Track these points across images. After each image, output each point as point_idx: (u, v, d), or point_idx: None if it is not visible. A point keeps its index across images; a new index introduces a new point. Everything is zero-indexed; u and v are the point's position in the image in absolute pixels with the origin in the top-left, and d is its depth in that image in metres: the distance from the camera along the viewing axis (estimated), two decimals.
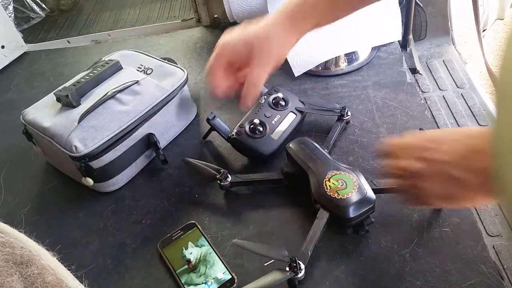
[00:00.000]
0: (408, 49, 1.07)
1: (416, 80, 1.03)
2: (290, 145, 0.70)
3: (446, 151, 0.47)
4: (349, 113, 0.79)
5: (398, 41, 1.00)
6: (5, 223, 0.41)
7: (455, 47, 1.15)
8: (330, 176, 0.62)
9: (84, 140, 0.70)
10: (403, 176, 0.52)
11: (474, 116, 0.95)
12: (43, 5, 1.43)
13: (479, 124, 0.93)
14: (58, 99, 0.75)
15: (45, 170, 0.84)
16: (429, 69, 1.09)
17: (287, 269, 0.55)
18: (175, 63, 0.88)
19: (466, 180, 0.45)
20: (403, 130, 0.78)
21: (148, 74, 0.83)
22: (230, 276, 0.60)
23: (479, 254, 0.58)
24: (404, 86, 0.87)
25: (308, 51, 0.94)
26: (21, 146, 0.88)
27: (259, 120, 0.75)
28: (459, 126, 0.93)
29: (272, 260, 0.60)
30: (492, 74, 0.94)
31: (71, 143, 0.69)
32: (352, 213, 0.59)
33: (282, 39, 0.61)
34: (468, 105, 0.98)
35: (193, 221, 0.68)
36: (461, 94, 1.01)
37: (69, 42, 1.30)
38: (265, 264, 0.60)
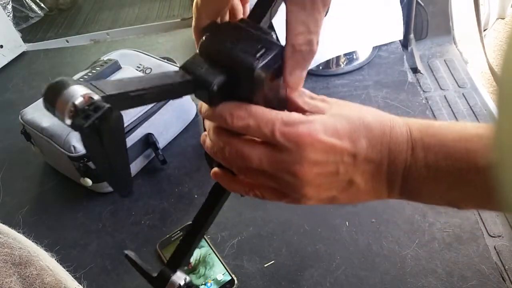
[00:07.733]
0: (409, 48, 1.06)
1: (417, 80, 1.03)
2: None
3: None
4: None
5: (399, 40, 0.99)
6: (3, 223, 0.41)
7: (456, 47, 1.15)
8: None
9: None
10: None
11: (476, 116, 0.94)
12: (42, 4, 1.42)
13: None
14: None
15: (44, 170, 0.83)
16: (430, 68, 1.09)
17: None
18: (175, 62, 0.87)
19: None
20: None
21: (147, 73, 0.83)
22: (230, 278, 0.60)
23: (480, 255, 0.58)
24: (405, 85, 0.87)
25: None
26: (20, 146, 0.87)
27: None
28: None
29: (273, 261, 0.60)
30: (494, 73, 0.93)
31: (70, 143, 0.69)
32: None
33: None
34: (469, 105, 0.97)
35: None
36: (463, 93, 1.00)
37: (67, 42, 1.30)
38: (265, 265, 0.60)
